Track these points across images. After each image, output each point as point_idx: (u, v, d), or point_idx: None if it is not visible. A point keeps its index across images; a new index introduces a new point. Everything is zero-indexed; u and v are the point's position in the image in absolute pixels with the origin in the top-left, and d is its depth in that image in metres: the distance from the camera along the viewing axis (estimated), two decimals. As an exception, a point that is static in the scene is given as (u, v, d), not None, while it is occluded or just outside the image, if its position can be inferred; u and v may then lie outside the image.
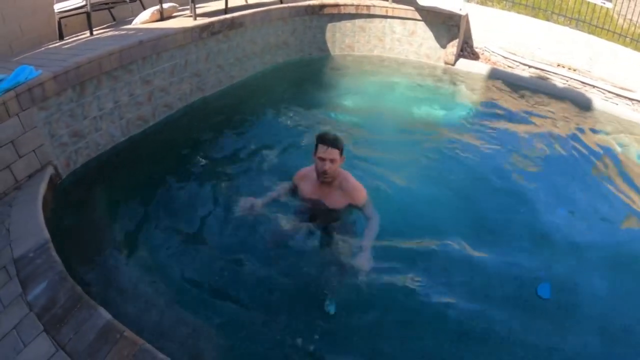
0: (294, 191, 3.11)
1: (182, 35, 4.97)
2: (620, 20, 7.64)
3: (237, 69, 6.09)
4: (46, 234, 2.79)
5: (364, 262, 2.55)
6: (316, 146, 2.77)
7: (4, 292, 2.43)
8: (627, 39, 7.11)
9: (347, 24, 7.29)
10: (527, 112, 5.92)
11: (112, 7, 5.44)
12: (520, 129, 5.41)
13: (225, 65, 5.85)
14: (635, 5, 7.32)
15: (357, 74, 6.84)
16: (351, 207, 2.90)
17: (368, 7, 7.13)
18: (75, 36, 4.87)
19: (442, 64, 7.23)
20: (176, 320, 2.63)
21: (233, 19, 5.70)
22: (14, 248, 2.70)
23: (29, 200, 3.16)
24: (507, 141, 5.04)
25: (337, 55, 7.45)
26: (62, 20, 4.74)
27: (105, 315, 2.26)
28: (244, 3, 6.69)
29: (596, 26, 7.31)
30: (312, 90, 6.14)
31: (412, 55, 7.40)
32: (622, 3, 7.43)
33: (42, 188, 3.32)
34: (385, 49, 7.50)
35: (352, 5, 7.13)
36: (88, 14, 4.71)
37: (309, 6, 6.93)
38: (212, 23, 5.37)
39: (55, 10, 4.68)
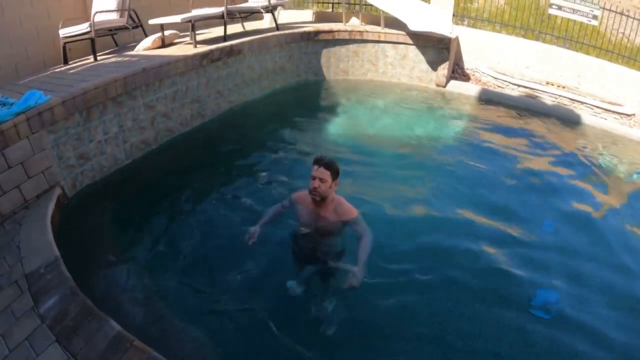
0: (291, 210, 3.20)
1: (184, 63, 5.16)
2: (611, 36, 7.84)
3: (235, 95, 6.27)
4: (56, 251, 2.88)
5: (354, 279, 2.61)
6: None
7: (16, 306, 2.50)
8: (614, 54, 7.34)
9: (341, 49, 7.56)
10: (517, 131, 6.07)
11: (114, 34, 5.66)
12: (510, 147, 5.54)
13: (225, 91, 6.03)
14: (625, 19, 7.48)
15: (352, 97, 7.02)
16: (344, 225, 2.96)
17: (361, 32, 7.40)
18: (80, 61, 5.06)
19: (434, 86, 7.44)
20: (182, 331, 2.69)
21: (232, 46, 5.91)
22: (24, 264, 2.78)
23: (38, 219, 3.26)
24: (497, 160, 5.17)
25: (332, 79, 7.68)
26: (66, 44, 4.92)
27: (115, 326, 2.33)
28: (242, 30, 6.95)
29: (583, 43, 7.57)
30: (308, 113, 6.30)
31: (404, 78, 7.63)
32: (612, 17, 7.60)
33: (50, 208, 3.41)
34: (378, 72, 7.74)
35: (345, 31, 7.41)
36: (92, 40, 4.90)
37: (304, 32, 7.18)
38: (211, 51, 5.57)
39: (60, 35, 4.87)
